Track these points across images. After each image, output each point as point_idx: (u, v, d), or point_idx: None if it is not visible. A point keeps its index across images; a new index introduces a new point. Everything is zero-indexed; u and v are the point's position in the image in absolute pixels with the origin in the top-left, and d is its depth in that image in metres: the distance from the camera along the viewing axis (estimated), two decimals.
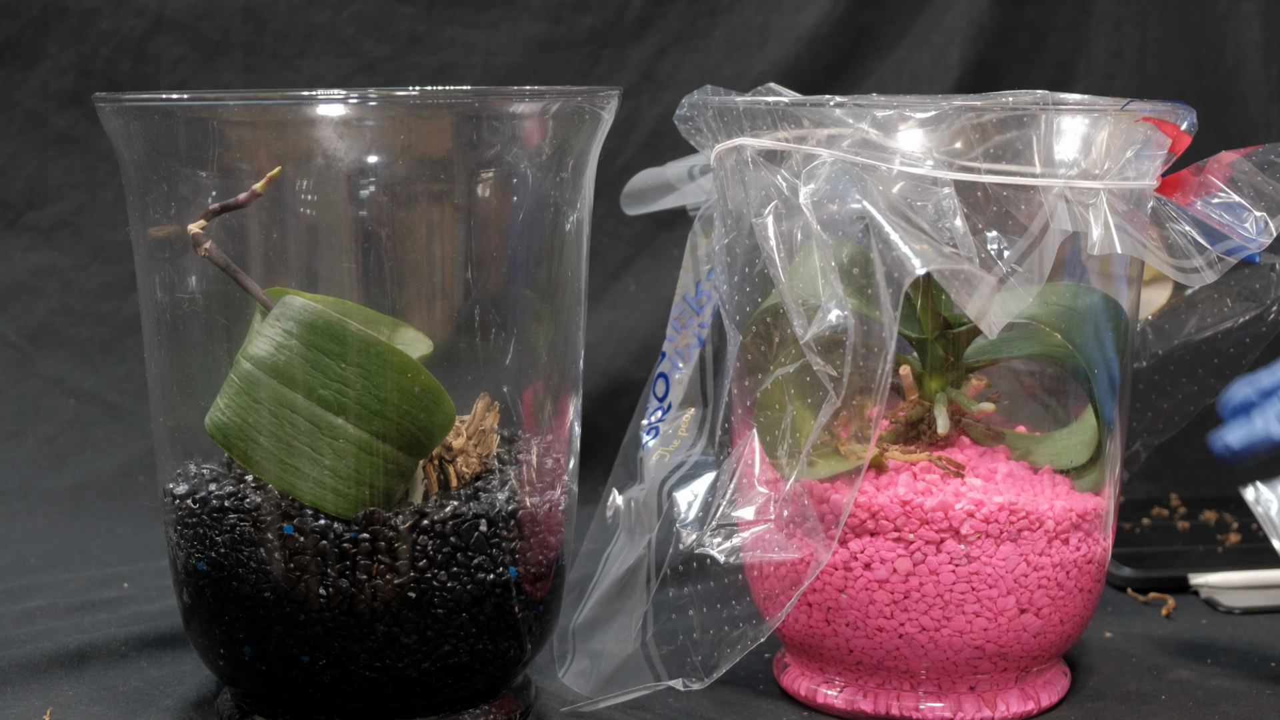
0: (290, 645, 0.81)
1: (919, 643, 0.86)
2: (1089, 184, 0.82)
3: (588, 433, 1.14)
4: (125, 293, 1.33)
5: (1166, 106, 0.84)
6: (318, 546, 0.80)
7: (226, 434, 0.79)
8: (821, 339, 0.79)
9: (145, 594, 1.06)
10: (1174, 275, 0.83)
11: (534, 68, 1.36)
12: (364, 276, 0.83)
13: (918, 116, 0.81)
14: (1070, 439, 0.90)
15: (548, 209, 0.85)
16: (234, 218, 0.81)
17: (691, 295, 0.93)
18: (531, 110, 0.83)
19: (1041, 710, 0.89)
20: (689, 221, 0.94)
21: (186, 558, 0.83)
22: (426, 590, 0.81)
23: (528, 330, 0.85)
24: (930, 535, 0.85)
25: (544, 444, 0.87)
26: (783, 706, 0.90)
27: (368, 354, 0.79)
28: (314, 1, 1.34)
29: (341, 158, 0.81)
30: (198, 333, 0.84)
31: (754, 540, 0.84)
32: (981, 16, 1.39)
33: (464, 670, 0.83)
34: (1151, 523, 1.25)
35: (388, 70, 1.35)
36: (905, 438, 0.88)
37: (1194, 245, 0.83)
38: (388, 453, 0.80)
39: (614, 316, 1.37)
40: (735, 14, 1.39)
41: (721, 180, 0.87)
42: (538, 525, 0.84)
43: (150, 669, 0.94)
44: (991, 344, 0.88)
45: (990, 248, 0.81)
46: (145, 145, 0.82)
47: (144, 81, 1.32)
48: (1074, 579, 0.87)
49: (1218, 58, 1.41)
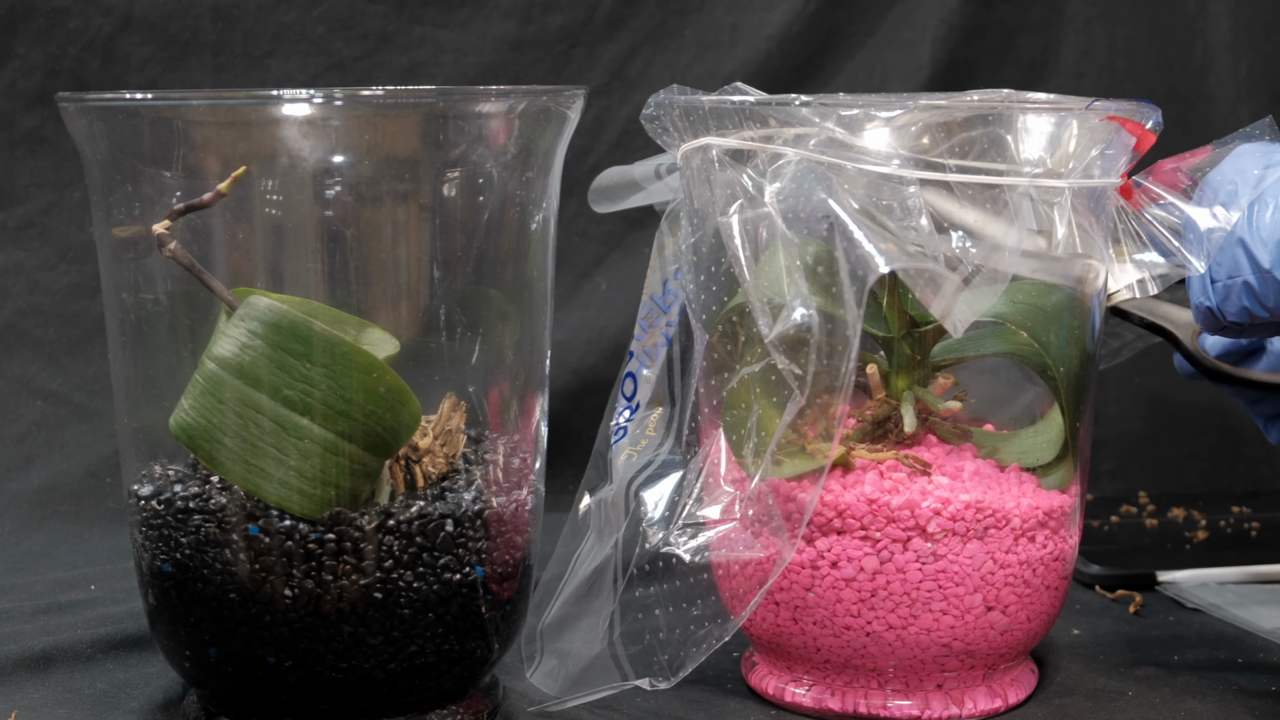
0: (256, 646, 0.81)
1: (886, 641, 0.86)
2: (1054, 183, 0.82)
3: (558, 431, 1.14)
4: (93, 293, 1.32)
5: (1131, 105, 0.84)
6: (283, 547, 0.80)
7: (191, 435, 0.79)
8: (786, 338, 0.79)
9: (112, 596, 1.06)
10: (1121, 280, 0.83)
11: (504, 67, 1.36)
12: (330, 276, 0.83)
13: (884, 115, 0.82)
14: (1037, 437, 0.90)
15: (513, 208, 0.85)
16: (199, 218, 0.81)
17: (659, 294, 0.93)
18: (497, 110, 0.83)
19: (1009, 707, 0.89)
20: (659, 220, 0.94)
21: (151, 559, 0.83)
22: (392, 591, 0.81)
23: (494, 330, 0.85)
24: (897, 533, 0.85)
25: (510, 444, 0.87)
26: (750, 705, 0.90)
27: (333, 354, 0.79)
28: (283, 1, 1.34)
29: (307, 157, 0.81)
30: (163, 333, 0.84)
31: (720, 539, 0.84)
32: (952, 15, 1.39)
33: (431, 671, 0.83)
34: (1119, 520, 1.26)
35: (358, 70, 1.35)
36: (872, 436, 0.89)
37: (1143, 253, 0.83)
38: (353, 453, 0.80)
39: (585, 315, 1.37)
40: (706, 13, 1.39)
41: (688, 179, 0.87)
42: (504, 525, 0.84)
43: (116, 671, 0.93)
44: (958, 342, 0.89)
45: (955, 246, 0.81)
46: (109, 145, 0.81)
47: (112, 81, 1.32)
48: (1041, 576, 0.87)
49: (1186, 57, 1.42)
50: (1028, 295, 0.87)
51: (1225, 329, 0.85)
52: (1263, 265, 0.81)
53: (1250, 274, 0.81)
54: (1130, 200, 0.84)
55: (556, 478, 1.10)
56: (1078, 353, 0.88)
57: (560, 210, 0.90)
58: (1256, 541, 1.20)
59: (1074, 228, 0.81)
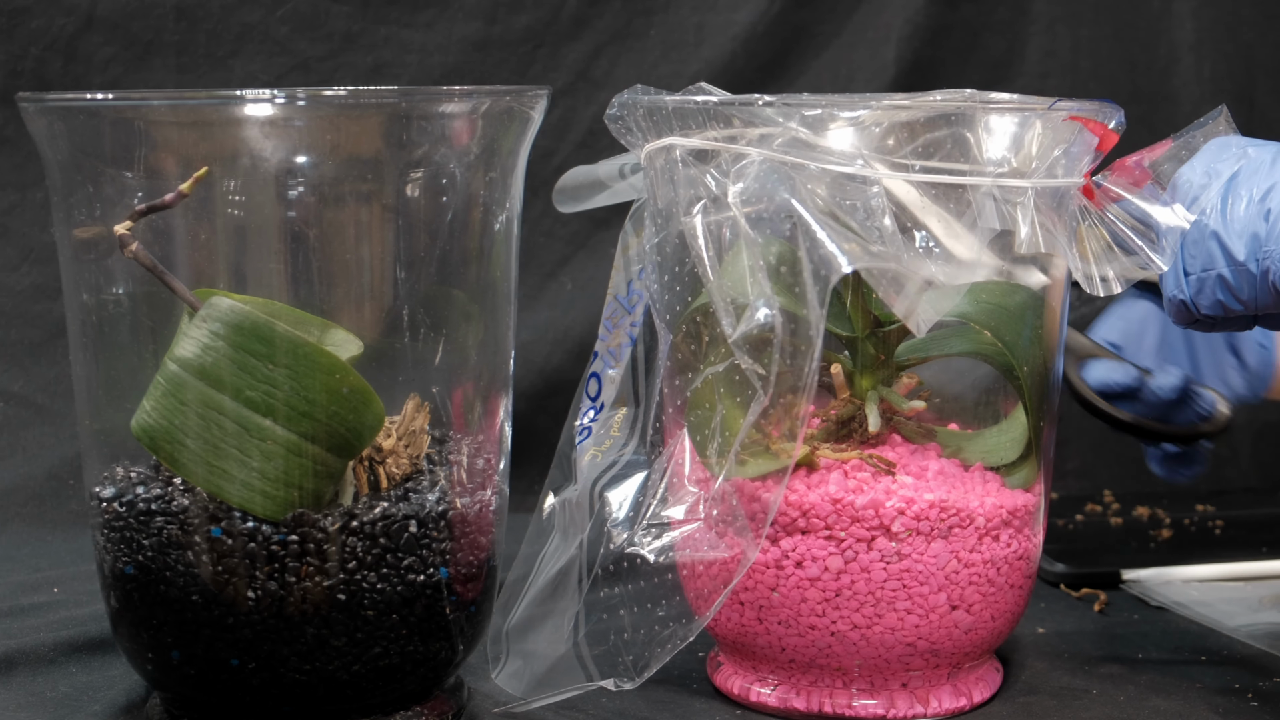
0: (219, 649, 0.81)
1: (851, 640, 0.86)
2: (1017, 182, 0.82)
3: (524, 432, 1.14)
4: (56, 294, 1.31)
5: (1094, 105, 0.84)
6: (246, 549, 0.79)
7: (153, 436, 0.79)
8: (750, 338, 0.79)
9: (75, 599, 1.05)
10: (1083, 282, 0.83)
11: (469, 67, 1.36)
12: (293, 277, 0.83)
13: (847, 115, 0.82)
14: (1001, 436, 0.90)
15: (477, 209, 0.84)
16: (161, 219, 0.81)
17: (623, 294, 0.92)
18: (460, 110, 0.83)
19: (974, 706, 0.89)
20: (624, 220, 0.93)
21: (114, 561, 0.82)
22: (356, 592, 0.80)
23: (457, 330, 0.85)
24: (861, 533, 0.85)
25: (475, 444, 0.86)
26: (716, 705, 0.90)
27: (296, 355, 0.78)
28: (247, 1, 1.33)
29: (269, 158, 0.80)
30: (124, 335, 0.83)
31: (684, 539, 0.84)
32: (917, 15, 1.39)
33: (395, 672, 0.83)
34: (1084, 519, 1.26)
35: (322, 70, 1.35)
36: (837, 436, 0.89)
37: (1106, 252, 0.83)
38: (317, 454, 0.79)
39: (550, 315, 1.37)
40: (671, 13, 1.39)
41: (651, 179, 0.87)
42: (468, 526, 0.84)
43: (79, 674, 0.93)
44: (922, 342, 0.89)
45: (919, 246, 0.81)
46: (70, 146, 0.81)
47: (75, 81, 1.31)
48: (1005, 575, 0.88)
49: (1150, 57, 1.42)
50: (991, 295, 0.87)
51: (1198, 322, 0.85)
52: (1237, 258, 0.81)
53: (1224, 267, 0.81)
54: (1093, 200, 0.84)
55: (522, 478, 1.09)
56: (1041, 352, 0.88)
57: (525, 211, 0.90)
58: (1220, 540, 1.21)
59: (1037, 227, 0.81)
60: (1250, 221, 0.81)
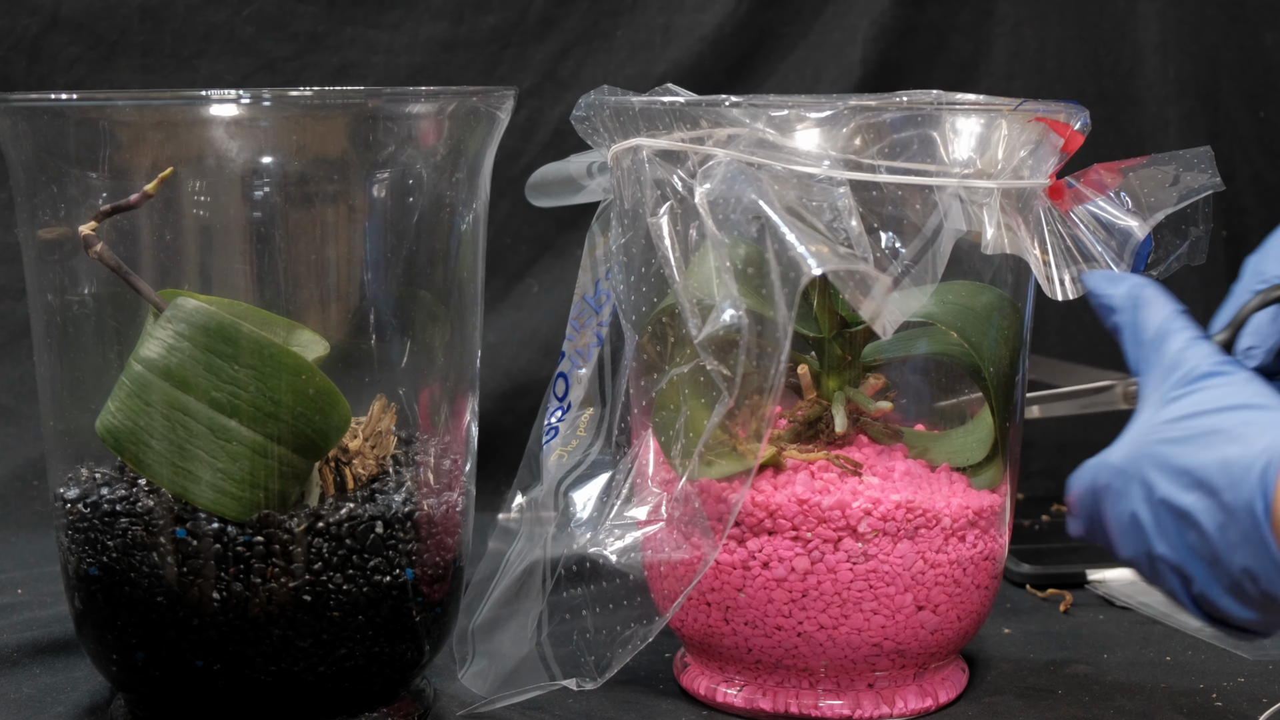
0: (184, 650, 0.80)
1: (817, 641, 0.86)
2: (983, 183, 0.82)
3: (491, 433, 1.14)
4: (19, 295, 1.31)
5: (1059, 106, 0.85)
6: (211, 550, 0.79)
7: (118, 437, 0.78)
8: (715, 339, 0.79)
9: (39, 600, 1.05)
10: (1043, 284, 0.83)
11: (436, 68, 1.36)
12: (259, 278, 0.82)
13: (813, 116, 0.82)
14: (967, 437, 0.90)
15: (444, 209, 0.84)
16: (126, 219, 0.80)
17: (590, 295, 0.92)
18: (426, 111, 0.82)
19: (940, 706, 0.90)
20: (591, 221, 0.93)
21: (78, 563, 0.82)
22: (322, 593, 0.80)
23: (424, 331, 0.85)
24: (828, 534, 0.85)
25: (441, 445, 0.86)
26: (682, 706, 0.90)
27: (261, 356, 0.78)
28: (212, 1, 1.33)
29: (235, 158, 0.80)
30: (89, 335, 0.83)
31: (648, 540, 0.84)
32: (883, 16, 1.39)
33: (361, 673, 0.83)
34: (1050, 519, 1.26)
35: (288, 70, 1.34)
36: (803, 437, 0.89)
37: (1066, 257, 0.84)
38: (282, 455, 0.79)
39: (517, 317, 1.37)
40: (638, 14, 1.39)
41: (618, 180, 0.87)
42: (435, 527, 0.84)
43: (43, 676, 0.93)
44: (889, 343, 0.89)
45: (885, 247, 0.81)
46: (34, 146, 0.81)
47: (39, 81, 1.31)
48: (971, 576, 0.88)
49: (1116, 59, 1.43)
50: (958, 295, 0.87)
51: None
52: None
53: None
54: (1058, 201, 0.85)
55: (489, 479, 1.09)
56: (1008, 353, 0.88)
57: (492, 212, 0.90)
58: None
59: (1002, 228, 0.82)
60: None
